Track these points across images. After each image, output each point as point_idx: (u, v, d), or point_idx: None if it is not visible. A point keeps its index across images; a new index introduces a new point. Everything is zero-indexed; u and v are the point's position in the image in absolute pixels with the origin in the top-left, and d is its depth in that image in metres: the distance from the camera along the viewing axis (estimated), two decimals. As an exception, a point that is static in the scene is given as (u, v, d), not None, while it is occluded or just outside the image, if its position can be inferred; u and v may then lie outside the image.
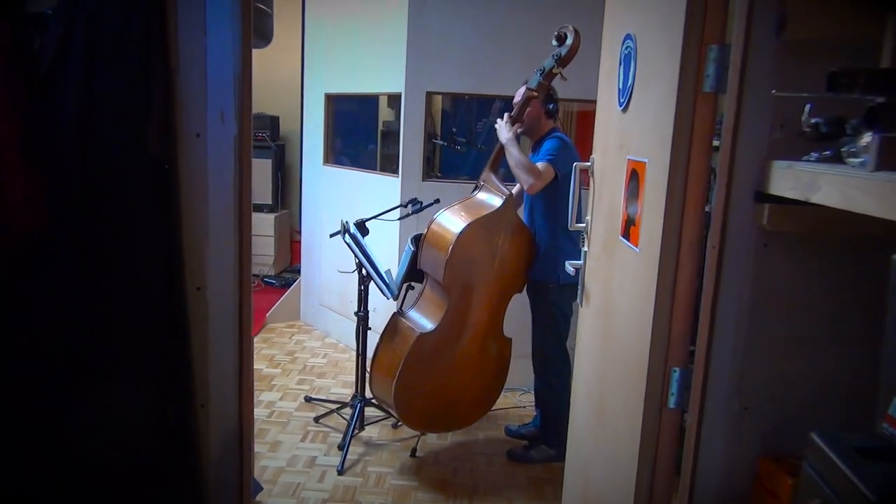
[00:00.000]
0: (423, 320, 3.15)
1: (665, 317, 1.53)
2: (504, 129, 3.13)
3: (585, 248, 2.41)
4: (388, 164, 5.19)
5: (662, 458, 1.59)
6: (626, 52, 1.91)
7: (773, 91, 1.31)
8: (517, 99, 3.20)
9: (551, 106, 3.22)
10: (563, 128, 3.62)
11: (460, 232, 2.98)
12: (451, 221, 3.08)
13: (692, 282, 1.50)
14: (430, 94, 4.20)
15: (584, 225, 2.42)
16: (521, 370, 3.72)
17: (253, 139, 5.39)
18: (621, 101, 1.94)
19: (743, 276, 1.38)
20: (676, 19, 1.49)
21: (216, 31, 1.27)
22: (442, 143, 5.40)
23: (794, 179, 1.25)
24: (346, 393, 4.08)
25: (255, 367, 4.52)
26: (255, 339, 5.03)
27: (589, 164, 2.39)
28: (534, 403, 3.71)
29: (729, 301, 1.39)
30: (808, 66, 1.30)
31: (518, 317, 3.43)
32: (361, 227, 3.50)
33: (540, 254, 3.21)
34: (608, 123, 2.14)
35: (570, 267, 2.44)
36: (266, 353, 4.77)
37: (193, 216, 1.21)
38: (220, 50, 1.27)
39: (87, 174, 1.06)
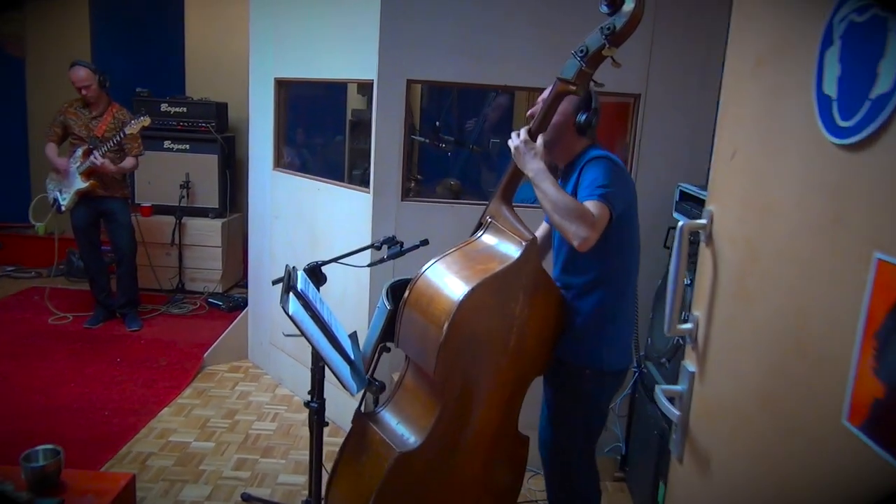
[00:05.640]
0: (402, 429, 2.09)
1: None
2: (528, 154, 2.02)
3: (691, 367, 1.39)
4: (359, 160, 4.13)
5: None
6: (857, 20, 0.87)
7: None
8: (544, 95, 2.13)
9: (585, 115, 2.09)
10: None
11: (461, 300, 1.91)
12: (447, 281, 2.01)
13: None
14: (410, 83, 3.12)
15: (690, 327, 1.39)
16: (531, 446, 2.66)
17: (196, 130, 4.01)
18: (841, 123, 0.91)
19: None
20: None
21: None
22: (422, 139, 4.35)
23: None
24: (299, 485, 3.03)
25: (182, 440, 3.46)
26: (188, 392, 3.93)
27: (703, 221, 1.36)
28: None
29: None
30: None
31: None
32: (315, 273, 2.43)
33: (576, 328, 2.15)
34: (775, 159, 1.11)
35: (664, 399, 1.40)
36: (198, 414, 3.68)
37: None
38: None
39: None
